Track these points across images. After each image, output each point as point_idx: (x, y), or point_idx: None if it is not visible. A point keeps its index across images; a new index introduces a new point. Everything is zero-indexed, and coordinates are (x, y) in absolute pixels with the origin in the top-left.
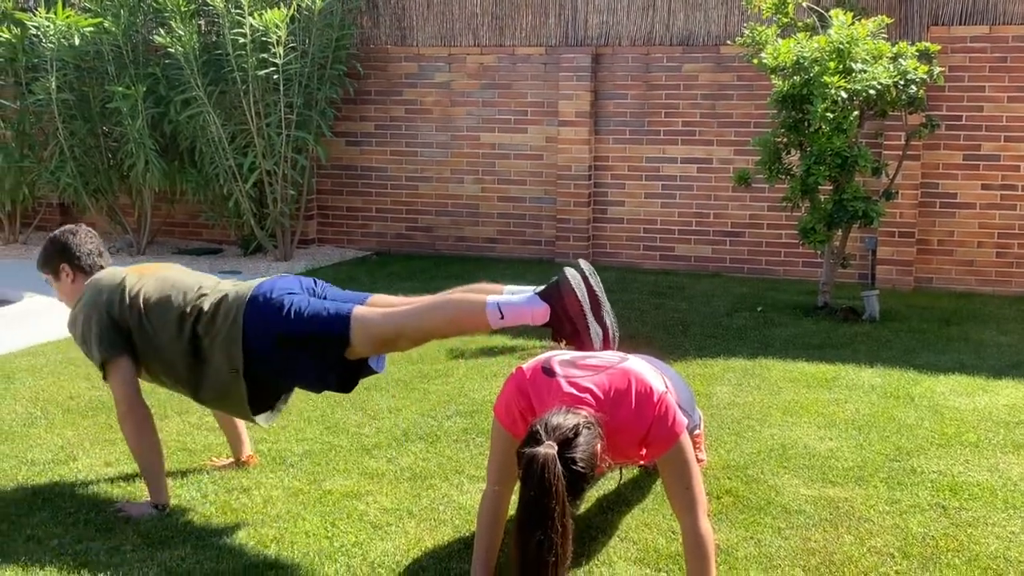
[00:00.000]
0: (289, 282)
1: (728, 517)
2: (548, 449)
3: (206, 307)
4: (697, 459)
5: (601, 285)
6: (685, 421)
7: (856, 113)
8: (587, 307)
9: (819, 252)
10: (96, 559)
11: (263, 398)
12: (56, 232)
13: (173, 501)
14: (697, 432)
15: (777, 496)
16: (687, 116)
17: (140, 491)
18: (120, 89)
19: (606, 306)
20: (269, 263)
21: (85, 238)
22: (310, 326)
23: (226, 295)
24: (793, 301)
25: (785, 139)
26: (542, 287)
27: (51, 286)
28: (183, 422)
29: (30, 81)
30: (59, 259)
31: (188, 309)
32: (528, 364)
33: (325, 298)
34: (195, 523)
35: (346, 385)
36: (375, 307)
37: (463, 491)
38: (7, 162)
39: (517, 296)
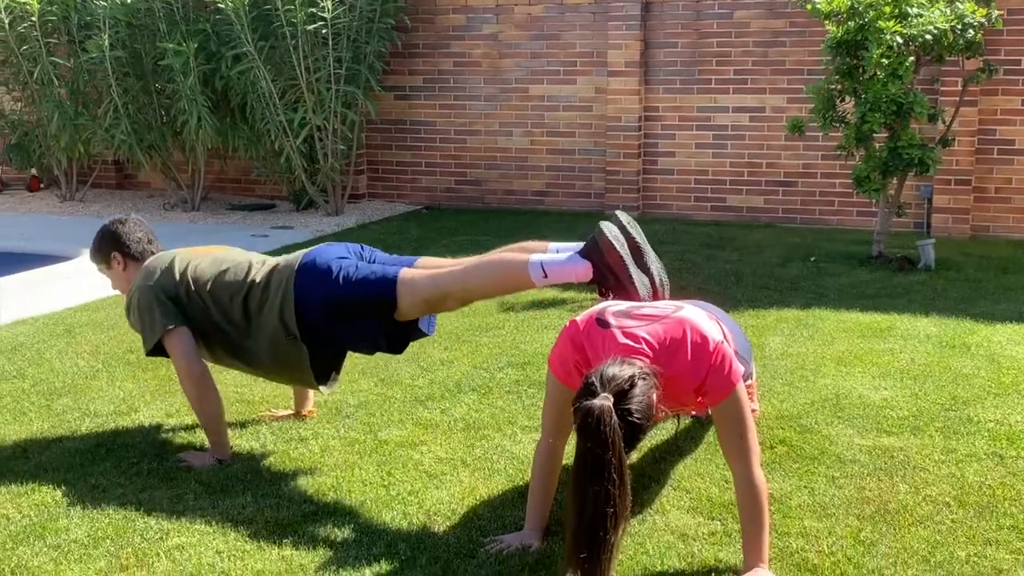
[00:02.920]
0: (337, 248)
1: (782, 466)
2: (604, 401)
3: (258, 279)
4: (751, 410)
5: (642, 233)
6: (741, 370)
7: (912, 59)
8: (628, 257)
9: (874, 201)
10: (160, 507)
11: (320, 364)
12: (105, 223)
13: (233, 451)
14: (750, 382)
15: (831, 446)
16: (739, 64)
17: (201, 441)
18: (171, 46)
19: (650, 254)
20: (320, 218)
21: (134, 227)
22: (359, 290)
23: (276, 265)
24: (847, 251)
25: (839, 86)
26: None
27: (105, 275)
28: (241, 375)
29: (83, 39)
30: (110, 248)
31: (242, 282)
32: (582, 316)
33: (373, 262)
34: (255, 472)
35: (397, 347)
36: (422, 269)
37: (516, 441)
38: (62, 120)
39: (560, 254)
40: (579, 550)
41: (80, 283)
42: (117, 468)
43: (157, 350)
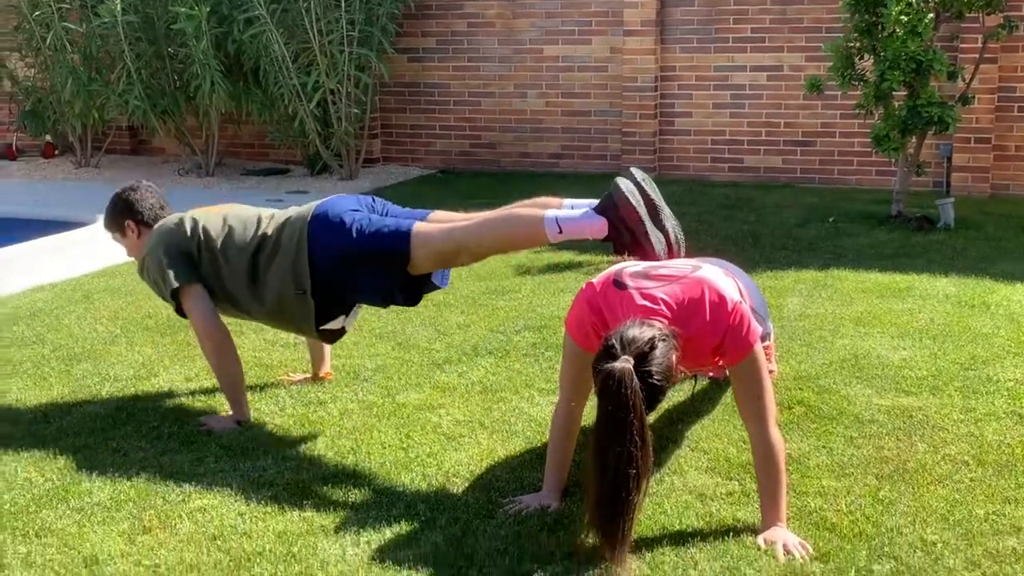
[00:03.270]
0: (349, 201)
1: (800, 427)
2: (624, 364)
3: (270, 231)
4: (768, 370)
5: (657, 190)
6: (759, 330)
7: (931, 15)
8: (644, 214)
9: (893, 160)
10: (181, 470)
11: (328, 314)
12: (117, 191)
13: (252, 415)
14: (767, 343)
15: (849, 406)
16: (756, 22)
17: (220, 405)
18: (184, 10)
19: (665, 211)
20: (335, 182)
21: (146, 193)
22: (372, 242)
23: (288, 217)
24: (866, 211)
25: (858, 44)
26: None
27: (119, 243)
28: (259, 339)
29: (95, 4)
30: (123, 216)
31: (252, 236)
32: (598, 278)
33: (386, 215)
34: (274, 435)
35: (411, 299)
36: (436, 223)
37: (534, 403)
38: (76, 86)
39: (575, 211)
40: (601, 512)
41: (96, 249)
42: (138, 432)
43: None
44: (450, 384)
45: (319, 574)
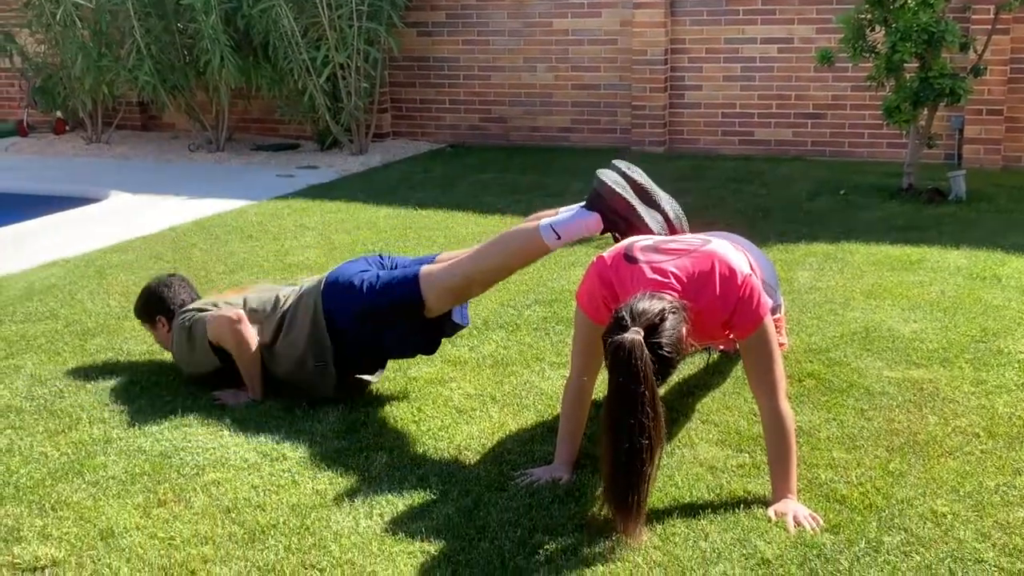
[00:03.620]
0: (358, 263)
1: (810, 399)
2: (635, 335)
3: (287, 307)
4: (778, 343)
5: (644, 175)
6: (769, 303)
7: None
8: (634, 199)
9: (904, 132)
10: (195, 444)
11: (353, 369)
12: (152, 283)
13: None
14: (778, 315)
15: (860, 378)
16: None
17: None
18: None
19: (658, 192)
20: (345, 157)
21: (179, 289)
22: (385, 296)
23: (303, 291)
24: (877, 183)
25: (869, 15)
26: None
27: (147, 331)
28: None
29: None
30: (155, 311)
31: (272, 314)
32: (609, 252)
33: (395, 267)
34: (287, 410)
35: (431, 347)
36: (441, 263)
37: (544, 377)
38: (86, 62)
39: (567, 213)
40: (615, 484)
41: (108, 225)
42: (152, 406)
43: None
44: (461, 358)
45: (332, 546)
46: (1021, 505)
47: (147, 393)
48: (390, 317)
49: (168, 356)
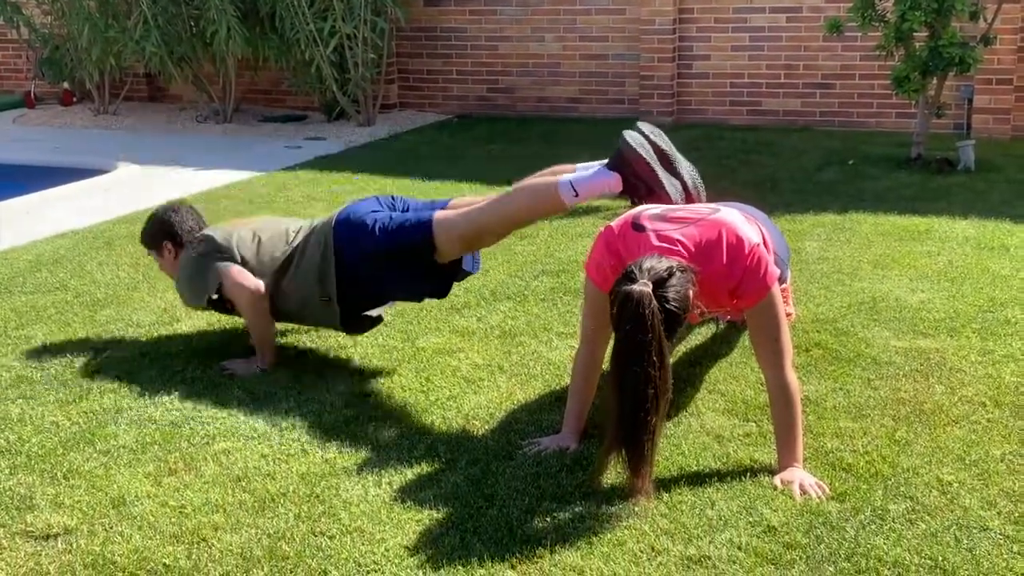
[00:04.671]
0: (369, 202)
1: (817, 369)
2: (643, 287)
3: (298, 241)
4: (785, 313)
5: (667, 140)
6: (777, 272)
7: None
8: (656, 164)
9: (913, 102)
10: (205, 413)
11: (357, 315)
12: (158, 210)
13: (274, 359)
14: (784, 286)
15: (867, 348)
16: None
17: (243, 349)
18: None
19: (679, 159)
20: (352, 128)
21: (187, 215)
22: (396, 238)
23: (314, 226)
24: (886, 153)
25: None
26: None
27: (154, 259)
28: None
29: None
30: (163, 237)
31: (283, 249)
32: (617, 221)
33: (407, 210)
34: (297, 379)
35: (441, 291)
36: (455, 209)
37: (552, 347)
38: (93, 33)
39: (587, 171)
40: (623, 434)
41: (116, 196)
42: (162, 376)
43: (210, 301)
44: (469, 328)
45: (342, 514)
46: None
47: (157, 363)
48: (401, 259)
49: (177, 327)
